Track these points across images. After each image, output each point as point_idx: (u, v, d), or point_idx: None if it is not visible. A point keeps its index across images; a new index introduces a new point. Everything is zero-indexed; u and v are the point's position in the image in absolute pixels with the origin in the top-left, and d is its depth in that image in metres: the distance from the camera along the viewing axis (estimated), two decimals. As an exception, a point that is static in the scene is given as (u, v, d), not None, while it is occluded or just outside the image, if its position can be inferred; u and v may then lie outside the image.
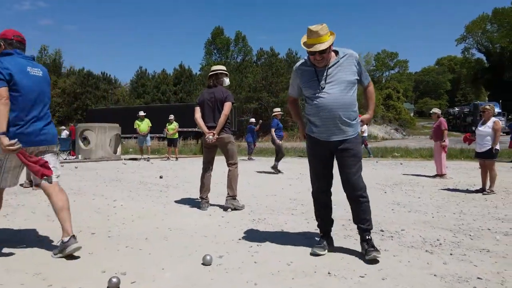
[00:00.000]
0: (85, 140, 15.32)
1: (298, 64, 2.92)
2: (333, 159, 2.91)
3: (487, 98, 55.90)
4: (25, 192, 5.70)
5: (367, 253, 2.70)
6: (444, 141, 8.51)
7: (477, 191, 6.24)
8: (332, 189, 2.99)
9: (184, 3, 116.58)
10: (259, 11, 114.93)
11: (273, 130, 9.20)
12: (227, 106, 4.43)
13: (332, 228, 3.06)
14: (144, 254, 2.80)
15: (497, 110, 33.89)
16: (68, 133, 17.54)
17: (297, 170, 9.81)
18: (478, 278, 2.35)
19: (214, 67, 4.65)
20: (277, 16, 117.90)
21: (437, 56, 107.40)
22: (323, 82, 2.73)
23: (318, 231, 3.10)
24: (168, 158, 13.88)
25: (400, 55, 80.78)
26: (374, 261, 2.65)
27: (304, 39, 2.73)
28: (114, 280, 2.16)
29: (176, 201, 5.06)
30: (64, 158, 13.61)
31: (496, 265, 2.59)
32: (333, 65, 2.74)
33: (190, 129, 25.95)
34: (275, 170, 9.02)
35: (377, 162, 12.84)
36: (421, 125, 55.11)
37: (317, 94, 2.76)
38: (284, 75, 34.96)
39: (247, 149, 14.81)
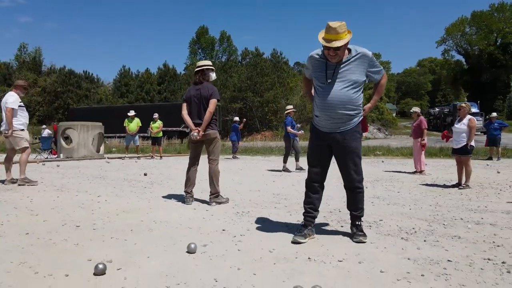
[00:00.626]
0: (67, 139, 15.10)
1: (313, 52, 3.02)
2: (331, 152, 3.05)
3: (466, 99, 57.41)
4: (7, 189, 5.63)
5: (355, 236, 2.94)
6: (424, 139, 8.80)
7: (453, 186, 6.48)
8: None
9: (168, 2, 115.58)
10: (244, 11, 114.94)
11: (289, 128, 9.08)
12: (212, 104, 4.49)
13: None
14: (129, 244, 2.85)
15: (475, 110, 34.86)
16: (50, 132, 17.22)
17: (281, 166, 9.93)
18: (449, 260, 2.49)
19: (200, 63, 4.70)
20: (262, 17, 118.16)
21: (419, 57, 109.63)
22: (330, 77, 2.86)
23: (300, 222, 3.21)
24: (152, 156, 13.81)
25: (383, 56, 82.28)
26: (360, 242, 2.88)
27: (322, 34, 2.82)
28: (101, 266, 2.21)
29: (160, 197, 5.10)
30: (46, 157, 13.38)
31: (466, 250, 2.75)
32: (344, 63, 2.86)
33: (174, 129, 25.88)
34: (300, 168, 8.98)
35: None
36: (403, 125, 56.14)
37: (322, 88, 2.91)
38: (269, 75, 35.07)
39: (231, 148, 14.86)
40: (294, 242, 2.90)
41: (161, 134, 13.72)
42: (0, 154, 12.90)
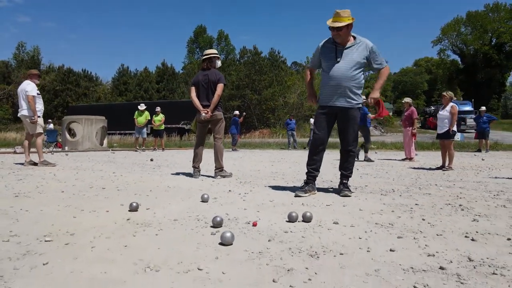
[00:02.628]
0: (70, 132, 15.57)
1: (324, 40, 3.68)
2: (333, 123, 3.68)
3: (461, 98, 58.13)
4: (29, 168, 6.15)
5: (342, 191, 3.52)
6: (415, 128, 9.40)
7: (437, 168, 7.05)
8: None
9: (166, 1, 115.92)
10: (242, 11, 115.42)
11: (370, 115, 9.39)
12: (220, 87, 5.03)
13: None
14: (151, 198, 3.38)
15: (469, 108, 35.44)
16: (53, 126, 17.63)
17: (279, 156, 10.48)
18: (416, 204, 3.05)
19: (207, 51, 5.24)
20: (259, 17, 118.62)
21: (415, 57, 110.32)
22: (339, 58, 3.51)
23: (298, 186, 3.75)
24: (155, 149, 14.31)
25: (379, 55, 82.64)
26: (346, 196, 3.44)
27: (329, 19, 3.50)
28: (134, 204, 2.75)
29: (169, 173, 5.63)
30: (51, 150, 13.86)
31: (432, 200, 3.30)
32: (349, 47, 3.53)
33: (174, 125, 26.36)
34: (368, 159, 9.17)
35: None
36: (400, 123, 56.74)
37: (330, 66, 3.54)
38: (267, 73, 35.59)
39: (231, 141, 15.39)
40: (296, 196, 3.46)
41: (163, 127, 14.21)
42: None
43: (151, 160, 8.38)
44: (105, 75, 67.88)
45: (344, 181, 3.64)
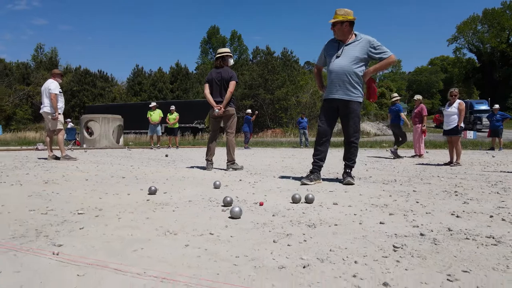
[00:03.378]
0: (88, 130, 16.10)
1: (330, 40, 4.00)
2: (337, 115, 3.93)
3: (478, 97, 57.19)
4: (52, 162, 6.53)
5: (345, 179, 3.77)
6: (424, 125, 9.52)
7: (445, 164, 7.17)
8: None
9: (180, 2, 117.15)
10: (254, 11, 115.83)
11: (403, 114, 9.41)
12: (232, 85, 5.29)
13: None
14: (167, 185, 3.67)
15: (485, 107, 34.94)
16: (73, 125, 18.20)
17: (290, 153, 10.71)
18: (414, 191, 3.25)
19: (221, 50, 5.51)
20: (272, 17, 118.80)
21: (430, 56, 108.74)
22: (339, 53, 3.80)
23: (304, 176, 3.99)
24: (169, 147, 14.69)
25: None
26: (348, 184, 3.66)
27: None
28: (153, 188, 3.03)
29: (184, 167, 5.93)
30: (70, 148, 14.37)
31: (431, 188, 3.50)
32: (350, 44, 3.82)
33: (187, 125, 26.82)
34: (395, 155, 8.99)
35: (365, 150, 13.77)
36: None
37: (331, 61, 3.84)
38: (279, 73, 35.80)
39: (243, 139, 15.66)
40: (302, 184, 3.71)
41: (177, 125, 14.56)
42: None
43: (166, 155, 8.71)
44: (120, 76, 69.27)
45: (347, 171, 3.88)
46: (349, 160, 3.93)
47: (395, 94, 10.22)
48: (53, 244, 1.59)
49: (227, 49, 5.57)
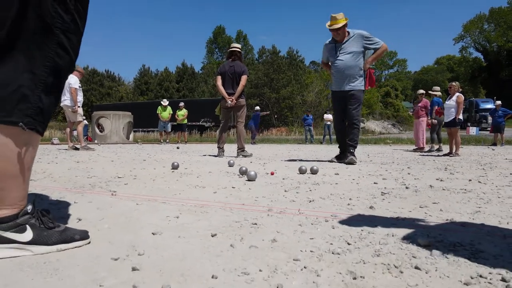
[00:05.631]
0: (99, 127, 16.60)
1: (326, 41, 4.53)
2: (345, 105, 4.41)
3: (484, 96, 57.08)
4: (72, 151, 6.96)
5: (347, 157, 4.20)
6: (430, 118, 9.82)
7: (444, 155, 7.50)
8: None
9: (186, 2, 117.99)
10: (260, 11, 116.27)
11: (436, 107, 9.38)
12: (244, 79, 5.69)
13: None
14: (186, 165, 4.06)
15: (491, 106, 34.92)
16: (86, 122, 18.56)
17: (296, 147, 11.08)
18: (408, 168, 3.62)
19: (235, 44, 5.92)
20: (277, 17, 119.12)
21: (436, 55, 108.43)
22: (338, 52, 4.32)
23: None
24: (178, 142, 15.11)
25: (399, 54, 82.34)
26: (351, 163, 4.10)
27: (328, 22, 4.34)
28: (175, 163, 3.44)
29: (197, 155, 6.33)
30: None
31: (425, 167, 3.86)
32: (345, 42, 4.33)
33: (194, 123, 27.30)
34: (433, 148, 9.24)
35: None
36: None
37: (334, 60, 4.38)
38: (285, 72, 36.17)
39: (250, 134, 16.02)
40: (330, 161, 4.42)
41: (186, 121, 14.98)
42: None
43: (178, 148, 9.13)
44: (127, 76, 69.93)
45: (350, 150, 4.30)
46: (352, 140, 4.36)
47: (437, 88, 10.02)
48: (108, 190, 2.00)
49: (239, 45, 5.96)
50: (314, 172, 3.02)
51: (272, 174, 2.95)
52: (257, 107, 16.30)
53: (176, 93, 43.81)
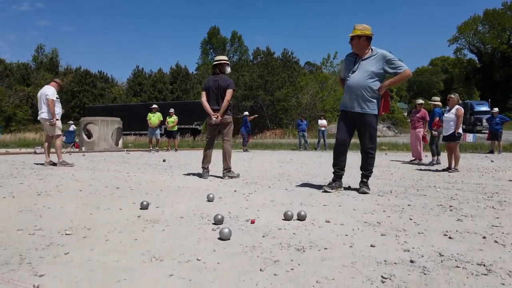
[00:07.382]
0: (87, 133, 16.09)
1: (347, 54, 4.14)
2: (354, 127, 4.05)
3: (479, 98, 57.13)
4: (49, 169, 6.51)
5: (360, 188, 3.90)
6: (427, 130, 9.48)
7: (443, 170, 7.14)
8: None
9: (180, 3, 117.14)
10: (255, 12, 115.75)
11: (437, 118, 8.80)
12: (229, 93, 5.26)
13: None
14: (161, 197, 3.64)
15: (486, 108, 34.80)
16: (75, 127, 18.07)
17: (289, 157, 10.68)
18: (408, 205, 3.22)
19: (218, 57, 5.48)
20: (272, 18, 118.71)
21: (431, 56, 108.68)
22: (356, 68, 3.93)
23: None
24: (168, 149, 14.67)
25: (394, 55, 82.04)
26: (363, 193, 3.81)
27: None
28: (145, 203, 3.01)
29: (181, 174, 5.90)
30: (69, 150, 14.35)
31: (427, 201, 3.46)
32: (366, 58, 3.93)
33: (187, 126, 26.81)
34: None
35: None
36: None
37: (349, 76, 3.99)
38: (279, 74, 35.77)
39: (242, 142, 15.62)
40: (323, 192, 3.87)
41: (176, 128, 14.54)
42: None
43: (164, 160, 8.68)
44: (120, 77, 69.24)
45: (364, 180, 4.01)
46: (366, 170, 4.07)
47: (437, 98, 9.58)
48: (35, 275, 1.57)
49: (224, 57, 5.54)
50: (301, 218, 2.61)
51: (252, 222, 2.53)
52: (246, 112, 15.94)
53: (170, 95, 43.24)
